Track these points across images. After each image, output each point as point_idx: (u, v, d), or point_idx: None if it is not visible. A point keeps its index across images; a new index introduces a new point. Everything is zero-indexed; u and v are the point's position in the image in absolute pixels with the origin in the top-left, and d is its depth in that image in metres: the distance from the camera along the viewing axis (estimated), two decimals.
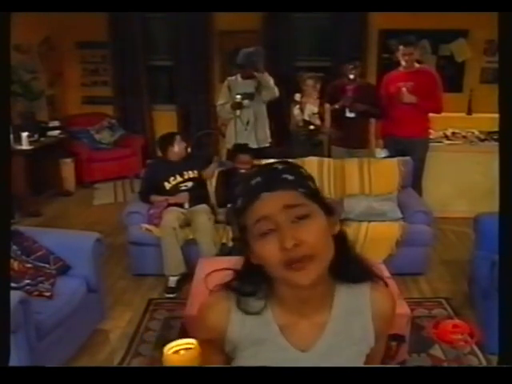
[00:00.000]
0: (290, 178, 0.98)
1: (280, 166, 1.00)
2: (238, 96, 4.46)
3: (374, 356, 1.14)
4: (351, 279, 1.07)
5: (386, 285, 1.11)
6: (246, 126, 4.55)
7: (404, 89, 4.41)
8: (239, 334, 1.04)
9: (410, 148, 4.50)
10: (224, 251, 3.68)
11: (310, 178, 1.03)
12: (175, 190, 3.99)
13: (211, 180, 4.21)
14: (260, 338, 1.04)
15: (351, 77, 4.62)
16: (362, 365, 1.09)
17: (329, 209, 1.02)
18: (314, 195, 1.00)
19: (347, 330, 1.06)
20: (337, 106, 4.64)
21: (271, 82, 4.57)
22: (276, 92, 4.60)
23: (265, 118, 4.70)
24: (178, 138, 4.08)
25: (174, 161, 4.05)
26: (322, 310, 1.06)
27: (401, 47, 4.47)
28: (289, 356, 1.04)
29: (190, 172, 4.07)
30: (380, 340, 1.12)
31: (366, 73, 6.00)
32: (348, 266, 1.06)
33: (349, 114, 4.65)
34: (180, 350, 1.05)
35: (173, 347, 1.06)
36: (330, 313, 1.06)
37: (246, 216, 0.99)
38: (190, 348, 1.05)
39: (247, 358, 1.05)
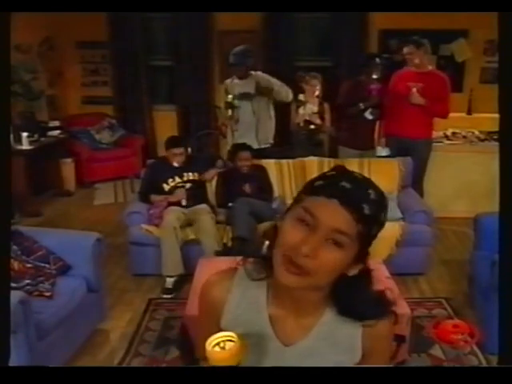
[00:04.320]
0: (368, 212, 0.93)
1: (373, 195, 0.95)
2: (230, 96, 4.43)
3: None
4: (359, 318, 1.06)
5: (396, 316, 1.08)
6: (236, 127, 4.52)
7: (414, 89, 4.33)
8: (233, 313, 1.09)
9: (413, 148, 4.46)
10: (224, 251, 3.68)
11: (381, 223, 0.99)
12: (174, 191, 3.99)
13: (211, 182, 4.21)
14: (250, 321, 1.08)
15: (374, 76, 4.51)
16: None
17: (361, 257, 1.00)
18: (366, 239, 0.97)
19: (332, 338, 1.07)
20: (362, 106, 4.53)
21: (271, 80, 4.47)
22: (289, 93, 4.45)
23: (268, 118, 4.62)
24: (178, 150, 4.01)
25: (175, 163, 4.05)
26: (312, 313, 1.07)
27: (404, 47, 4.42)
28: (272, 346, 1.07)
29: (190, 174, 4.07)
30: (370, 359, 1.09)
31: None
32: (358, 307, 1.05)
33: (369, 116, 4.59)
34: (221, 343, 1.01)
35: (213, 340, 1.00)
36: (319, 318, 1.07)
37: (308, 196, 0.97)
38: (231, 341, 0.99)
39: None
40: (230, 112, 4.47)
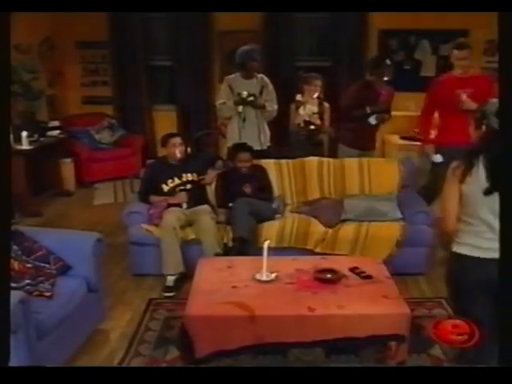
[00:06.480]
0: None
1: None
2: (245, 92, 4.40)
3: None
4: None
5: None
6: (243, 124, 4.52)
7: (464, 96, 4.05)
8: None
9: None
10: (224, 251, 3.68)
11: None
12: (173, 192, 3.99)
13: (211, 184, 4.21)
14: None
15: (386, 78, 4.39)
16: None
17: None
18: None
19: None
20: (369, 110, 4.45)
21: (273, 94, 4.56)
22: (272, 115, 4.63)
23: (265, 121, 4.68)
24: (177, 139, 4.05)
25: (174, 162, 4.05)
26: None
27: (455, 51, 4.13)
28: None
29: (189, 174, 4.06)
30: None
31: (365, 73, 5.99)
32: None
33: (372, 121, 4.52)
34: None
35: None
36: None
37: None
38: None
39: None
40: (240, 108, 4.45)
